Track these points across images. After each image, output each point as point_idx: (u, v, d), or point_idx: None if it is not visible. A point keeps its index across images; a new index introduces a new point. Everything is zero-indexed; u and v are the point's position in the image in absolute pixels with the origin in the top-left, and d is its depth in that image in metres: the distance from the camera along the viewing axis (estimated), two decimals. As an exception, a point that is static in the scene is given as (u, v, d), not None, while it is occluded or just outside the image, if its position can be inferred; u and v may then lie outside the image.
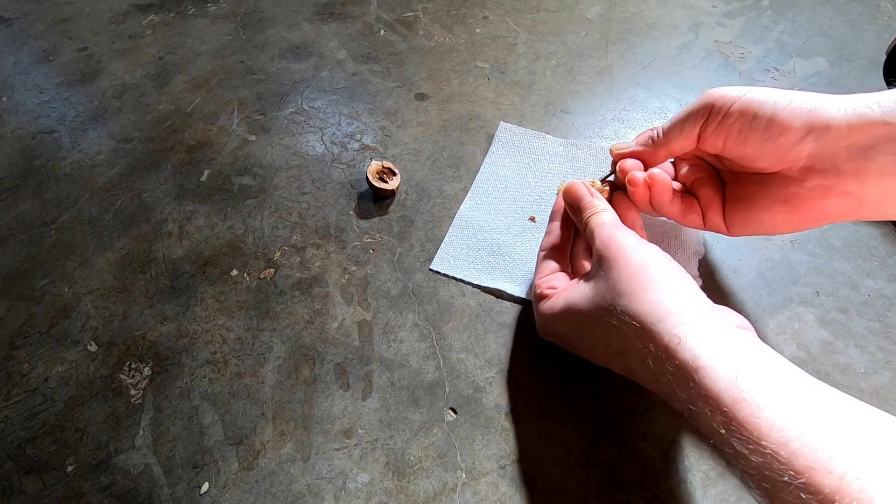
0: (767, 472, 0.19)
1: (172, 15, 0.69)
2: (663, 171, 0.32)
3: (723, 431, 0.21)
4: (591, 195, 0.32)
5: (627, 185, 0.33)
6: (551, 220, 0.36)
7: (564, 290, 0.30)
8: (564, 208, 0.35)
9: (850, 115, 0.25)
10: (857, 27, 0.60)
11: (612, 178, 0.36)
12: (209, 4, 0.71)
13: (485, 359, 0.35)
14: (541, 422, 0.32)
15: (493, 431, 0.32)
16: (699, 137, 0.30)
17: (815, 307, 0.36)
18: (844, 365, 0.33)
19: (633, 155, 0.33)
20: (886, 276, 0.37)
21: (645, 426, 0.32)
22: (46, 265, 0.43)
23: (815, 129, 0.26)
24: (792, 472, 0.19)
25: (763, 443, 0.19)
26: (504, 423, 0.33)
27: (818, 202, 0.27)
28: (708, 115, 0.29)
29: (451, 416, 0.33)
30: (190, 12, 0.70)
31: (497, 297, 0.38)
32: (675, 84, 0.54)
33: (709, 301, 0.26)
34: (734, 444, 0.20)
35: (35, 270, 0.43)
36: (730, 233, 0.32)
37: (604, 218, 0.30)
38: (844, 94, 0.26)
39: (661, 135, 0.32)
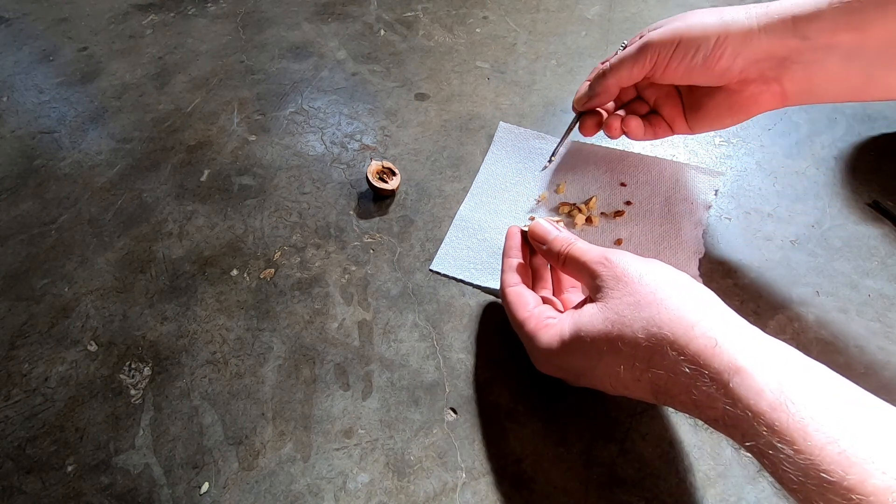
0: (813, 473, 0.19)
1: (172, 15, 0.69)
2: (638, 120, 0.40)
3: (765, 432, 0.20)
4: (558, 230, 0.33)
5: (606, 132, 0.41)
6: (507, 255, 0.35)
7: (568, 318, 0.29)
8: (522, 244, 0.35)
9: (771, 35, 0.31)
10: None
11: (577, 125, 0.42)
12: (209, 4, 0.71)
13: (485, 359, 0.35)
14: (541, 422, 0.32)
15: (493, 431, 0.32)
16: (647, 77, 0.37)
17: (815, 307, 0.36)
18: (844, 365, 0.33)
19: (594, 102, 0.40)
20: (886, 276, 0.37)
21: (645, 426, 0.32)
22: (46, 265, 0.43)
23: (743, 53, 0.32)
24: (841, 472, 0.18)
25: (809, 443, 0.19)
26: (504, 423, 0.33)
27: (753, 103, 0.35)
28: (654, 64, 0.35)
29: (451, 416, 0.33)
30: (190, 12, 0.70)
31: (497, 297, 0.38)
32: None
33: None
34: (777, 445, 0.20)
35: (35, 270, 0.43)
36: (693, 133, 0.40)
37: (583, 246, 0.30)
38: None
39: (610, 70, 0.38)
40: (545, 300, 0.33)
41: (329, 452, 0.32)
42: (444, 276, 0.40)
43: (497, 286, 0.38)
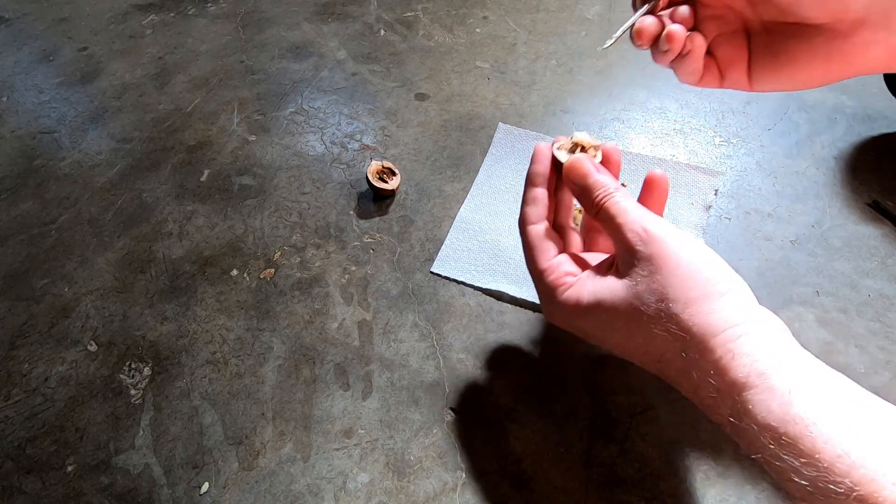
0: (821, 484, 0.19)
1: (172, 15, 0.69)
2: (703, 42, 0.29)
3: (772, 446, 0.20)
4: (598, 171, 0.28)
5: (665, 44, 0.29)
6: (531, 184, 0.30)
7: (589, 282, 0.27)
8: (551, 169, 0.30)
9: None
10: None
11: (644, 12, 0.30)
12: (209, 4, 0.71)
13: (485, 359, 0.35)
14: (541, 422, 0.32)
15: (493, 431, 0.32)
16: None
17: (815, 307, 0.36)
18: (844, 365, 0.33)
19: None
20: (886, 276, 0.37)
21: (645, 426, 0.32)
22: (46, 265, 0.43)
23: None
24: (850, 484, 0.18)
25: (818, 456, 0.19)
26: (504, 423, 0.33)
27: (860, 56, 0.26)
28: None
29: (450, 416, 0.33)
30: (190, 12, 0.70)
31: (498, 299, 0.38)
32: (674, 84, 0.54)
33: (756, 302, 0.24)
34: (784, 457, 0.20)
35: (35, 270, 0.43)
36: (751, 88, 0.30)
37: (623, 202, 0.26)
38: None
39: None
40: (565, 245, 0.30)
41: (329, 452, 0.32)
42: (445, 277, 0.40)
43: (498, 288, 0.38)
